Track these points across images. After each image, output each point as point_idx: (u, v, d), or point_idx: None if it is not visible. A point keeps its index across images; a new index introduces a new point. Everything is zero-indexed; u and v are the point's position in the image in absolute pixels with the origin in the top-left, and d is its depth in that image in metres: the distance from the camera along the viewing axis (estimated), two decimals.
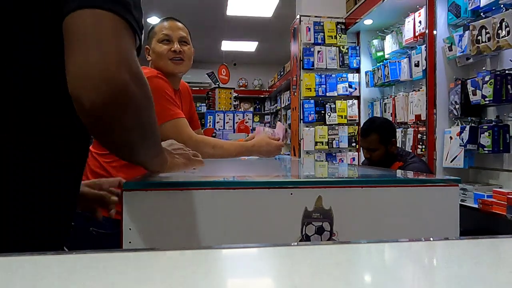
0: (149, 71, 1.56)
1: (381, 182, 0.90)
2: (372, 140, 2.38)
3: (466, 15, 2.53)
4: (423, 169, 2.31)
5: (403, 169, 2.31)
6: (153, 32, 1.69)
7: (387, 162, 2.39)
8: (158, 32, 1.65)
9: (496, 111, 2.44)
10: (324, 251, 0.50)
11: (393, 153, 2.41)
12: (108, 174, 1.50)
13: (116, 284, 0.37)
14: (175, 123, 1.48)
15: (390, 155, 2.40)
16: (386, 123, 2.51)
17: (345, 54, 4.14)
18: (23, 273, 0.40)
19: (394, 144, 2.40)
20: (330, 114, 4.12)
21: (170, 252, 0.48)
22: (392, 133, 2.44)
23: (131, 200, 0.76)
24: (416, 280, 0.40)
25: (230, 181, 0.93)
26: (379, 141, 2.36)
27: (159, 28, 1.67)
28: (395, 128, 2.52)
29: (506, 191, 2.12)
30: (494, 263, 0.45)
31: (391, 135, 2.41)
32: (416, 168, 2.28)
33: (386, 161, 2.38)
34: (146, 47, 1.69)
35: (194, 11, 5.90)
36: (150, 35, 1.70)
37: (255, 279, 0.40)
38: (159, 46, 1.62)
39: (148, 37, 1.69)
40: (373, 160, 2.40)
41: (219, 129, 3.44)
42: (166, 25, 1.66)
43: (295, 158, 3.61)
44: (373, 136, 2.38)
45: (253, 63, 9.63)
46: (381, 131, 2.39)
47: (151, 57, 1.68)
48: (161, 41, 1.62)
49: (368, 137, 2.41)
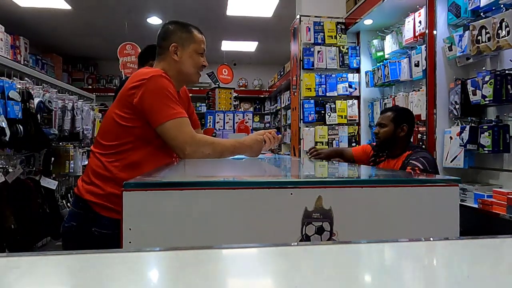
0: (154, 71, 1.57)
1: (381, 182, 0.90)
2: (386, 116, 2.50)
3: (466, 15, 2.53)
4: (430, 160, 2.32)
5: (412, 156, 2.35)
6: (192, 39, 1.70)
7: (392, 146, 2.45)
8: (198, 43, 1.71)
9: (496, 111, 2.44)
10: (324, 251, 0.50)
11: (401, 138, 2.45)
12: (111, 174, 1.50)
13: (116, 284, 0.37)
14: (178, 122, 1.51)
15: (397, 138, 2.45)
16: (406, 110, 2.62)
17: (345, 54, 4.14)
18: (23, 273, 0.40)
19: (404, 131, 2.44)
20: (330, 114, 4.12)
21: (170, 252, 0.48)
22: (406, 119, 2.49)
23: (131, 200, 0.76)
24: (416, 280, 0.40)
25: (230, 181, 0.93)
26: (391, 119, 2.47)
27: (199, 40, 1.72)
28: (413, 118, 2.56)
29: (506, 191, 2.12)
30: (494, 263, 0.45)
31: (405, 120, 2.47)
32: (423, 157, 2.32)
33: (391, 144, 2.45)
34: (176, 45, 1.67)
35: (194, 11, 5.90)
36: (184, 37, 1.69)
37: (255, 279, 0.40)
38: (197, 57, 1.71)
39: (181, 37, 1.69)
40: (380, 137, 2.49)
41: (219, 129, 3.44)
42: (202, 38, 1.75)
43: (295, 158, 3.61)
44: (388, 113, 2.52)
45: (253, 63, 9.62)
46: (397, 112, 2.53)
47: (178, 58, 1.68)
48: (199, 53, 1.72)
49: (385, 113, 2.55)
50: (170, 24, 1.74)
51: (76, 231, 1.54)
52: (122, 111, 1.53)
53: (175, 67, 1.68)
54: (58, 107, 3.53)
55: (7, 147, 2.92)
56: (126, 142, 1.53)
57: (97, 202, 1.49)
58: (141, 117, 1.51)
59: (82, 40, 7.72)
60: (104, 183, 1.50)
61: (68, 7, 5.95)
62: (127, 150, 1.53)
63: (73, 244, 1.57)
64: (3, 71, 2.93)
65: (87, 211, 1.50)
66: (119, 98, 1.58)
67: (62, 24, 6.76)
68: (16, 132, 2.71)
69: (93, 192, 1.50)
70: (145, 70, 1.60)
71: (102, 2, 5.78)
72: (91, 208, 1.49)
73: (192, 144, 1.51)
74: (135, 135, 1.53)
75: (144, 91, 1.50)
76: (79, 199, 1.54)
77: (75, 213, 1.56)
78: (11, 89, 2.70)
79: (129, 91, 1.53)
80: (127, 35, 6.42)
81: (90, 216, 1.49)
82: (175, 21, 1.75)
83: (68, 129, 3.70)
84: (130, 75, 1.66)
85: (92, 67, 9.28)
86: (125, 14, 6.21)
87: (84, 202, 1.51)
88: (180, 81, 1.70)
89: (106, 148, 1.55)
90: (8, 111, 2.63)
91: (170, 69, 1.67)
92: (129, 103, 1.51)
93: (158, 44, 1.72)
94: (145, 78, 1.52)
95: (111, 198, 1.47)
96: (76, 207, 1.57)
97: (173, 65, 1.68)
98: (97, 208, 1.49)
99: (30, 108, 2.91)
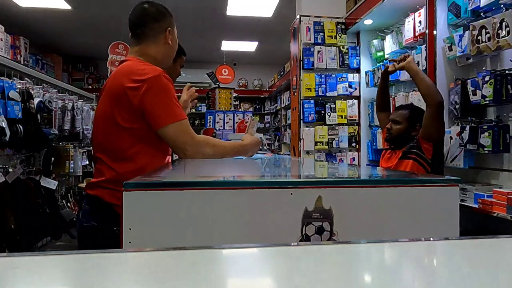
0: (153, 70, 1.52)
1: (381, 182, 0.90)
2: (401, 114, 2.50)
3: (466, 15, 2.53)
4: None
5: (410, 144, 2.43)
6: (173, 22, 1.69)
7: (401, 143, 2.47)
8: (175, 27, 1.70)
9: (496, 111, 2.43)
10: (324, 251, 0.50)
11: (412, 137, 2.46)
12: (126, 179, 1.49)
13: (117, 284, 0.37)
14: (179, 124, 1.50)
15: (409, 137, 2.46)
16: (422, 110, 2.61)
17: (345, 54, 4.14)
18: (23, 273, 0.40)
19: (416, 131, 2.46)
20: (330, 114, 4.12)
21: (170, 252, 0.48)
22: (420, 119, 2.48)
23: (131, 200, 0.76)
24: (416, 280, 0.40)
25: (230, 181, 0.93)
26: (407, 118, 2.47)
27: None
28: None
29: (506, 191, 2.12)
30: (494, 263, 0.45)
31: (419, 121, 2.46)
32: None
33: (402, 141, 2.47)
34: (170, 29, 1.66)
35: (194, 11, 5.90)
36: (171, 20, 1.67)
37: (255, 279, 0.40)
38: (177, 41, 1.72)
39: (171, 21, 1.67)
40: (392, 133, 2.50)
41: (219, 129, 3.43)
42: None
43: (295, 158, 3.61)
44: (404, 111, 2.52)
45: (253, 63, 9.62)
46: (413, 110, 2.52)
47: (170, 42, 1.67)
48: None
49: (400, 110, 2.55)
50: (156, 6, 1.68)
51: (97, 231, 1.52)
52: (120, 112, 1.49)
53: (165, 51, 1.66)
54: (58, 107, 3.53)
55: (7, 147, 2.92)
56: (132, 145, 1.50)
57: (119, 204, 1.47)
58: (141, 119, 1.49)
59: (82, 40, 7.72)
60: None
61: (68, 7, 5.95)
62: (135, 154, 1.50)
63: (93, 242, 1.54)
64: (3, 71, 2.93)
65: (108, 212, 1.48)
66: (113, 95, 1.51)
67: (62, 24, 6.76)
68: (16, 132, 2.71)
69: (114, 195, 1.47)
70: (141, 67, 1.54)
71: (102, 2, 5.78)
72: (113, 209, 1.47)
73: (193, 145, 1.51)
74: (139, 137, 1.50)
75: (145, 93, 1.46)
76: (98, 201, 1.52)
77: (94, 213, 1.53)
78: (11, 89, 2.70)
79: (127, 91, 1.47)
80: (127, 35, 6.41)
81: (111, 217, 1.47)
82: (152, 2, 1.70)
83: (68, 129, 3.70)
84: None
85: (92, 67, 9.27)
86: (125, 14, 6.19)
87: (105, 205, 1.49)
88: (165, 65, 1.66)
89: (113, 154, 1.52)
90: (8, 111, 2.63)
91: (160, 52, 1.64)
92: (129, 104, 1.47)
93: (147, 25, 1.65)
94: (144, 79, 1.47)
95: None
96: (94, 208, 1.54)
97: (163, 49, 1.66)
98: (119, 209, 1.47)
99: (30, 108, 2.91)
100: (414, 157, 2.36)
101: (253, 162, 1.62)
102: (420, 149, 2.36)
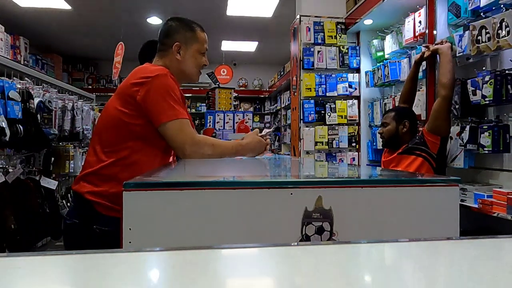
0: (159, 69, 1.56)
1: (381, 182, 0.90)
2: (388, 116, 2.65)
3: (466, 15, 2.53)
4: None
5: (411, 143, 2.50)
6: (195, 39, 1.70)
7: (397, 143, 2.57)
8: (201, 43, 1.71)
9: (496, 111, 2.43)
10: (324, 251, 0.50)
11: (404, 134, 2.56)
12: (112, 173, 1.50)
13: (116, 284, 0.37)
14: (179, 122, 1.51)
15: (400, 134, 2.57)
16: (407, 108, 2.73)
17: (345, 54, 4.14)
18: (23, 273, 0.40)
19: (406, 126, 2.56)
20: (330, 114, 4.12)
21: (170, 252, 0.48)
22: (407, 115, 2.61)
23: (131, 200, 0.76)
24: (416, 280, 0.40)
25: (230, 181, 0.93)
26: (393, 117, 2.61)
27: (202, 39, 1.72)
28: (414, 115, 2.69)
29: (506, 191, 2.12)
30: (494, 263, 0.45)
31: (405, 117, 2.59)
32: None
33: (396, 141, 2.57)
34: (179, 44, 1.67)
35: (194, 11, 5.90)
36: (188, 36, 1.69)
37: (255, 279, 0.40)
38: (200, 56, 1.72)
39: (185, 36, 1.68)
40: (384, 136, 2.62)
41: (219, 129, 3.44)
42: (205, 38, 1.74)
43: (295, 158, 3.61)
44: (391, 113, 2.66)
45: (253, 63, 9.62)
46: (398, 110, 2.67)
47: (181, 57, 1.68)
48: (201, 53, 1.72)
49: (387, 113, 2.70)
50: (173, 21, 1.72)
51: (78, 228, 1.53)
52: (124, 107, 1.52)
53: (177, 65, 1.68)
54: (58, 107, 3.53)
55: (7, 147, 2.92)
56: (127, 140, 1.52)
57: (98, 201, 1.49)
58: (143, 115, 1.51)
59: (82, 40, 7.72)
60: (105, 183, 1.50)
61: (68, 7, 5.95)
62: (128, 149, 1.52)
63: (74, 240, 1.57)
64: (3, 71, 2.93)
65: (88, 210, 1.50)
66: (121, 92, 1.57)
67: (62, 24, 6.76)
68: (16, 132, 2.70)
69: (94, 192, 1.50)
70: (150, 68, 1.59)
71: (102, 2, 5.78)
72: (92, 207, 1.49)
73: (192, 145, 1.51)
74: (137, 134, 1.52)
75: (148, 89, 1.49)
76: (79, 198, 1.54)
77: (76, 210, 1.56)
78: (11, 89, 2.70)
79: (132, 87, 1.52)
80: (127, 35, 6.42)
81: (91, 215, 1.49)
82: (179, 18, 1.74)
83: (68, 129, 3.69)
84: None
85: (92, 67, 9.28)
86: (125, 14, 6.20)
87: (85, 202, 1.51)
88: (180, 79, 1.70)
89: (106, 145, 1.54)
90: (8, 111, 2.63)
91: (172, 67, 1.66)
92: (132, 100, 1.51)
93: (160, 40, 1.71)
94: (150, 76, 1.51)
95: (112, 198, 1.47)
96: (77, 204, 1.57)
97: (174, 63, 1.68)
98: (99, 207, 1.49)
99: (30, 108, 2.90)
100: (419, 153, 2.40)
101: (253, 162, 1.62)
102: (425, 144, 2.40)
